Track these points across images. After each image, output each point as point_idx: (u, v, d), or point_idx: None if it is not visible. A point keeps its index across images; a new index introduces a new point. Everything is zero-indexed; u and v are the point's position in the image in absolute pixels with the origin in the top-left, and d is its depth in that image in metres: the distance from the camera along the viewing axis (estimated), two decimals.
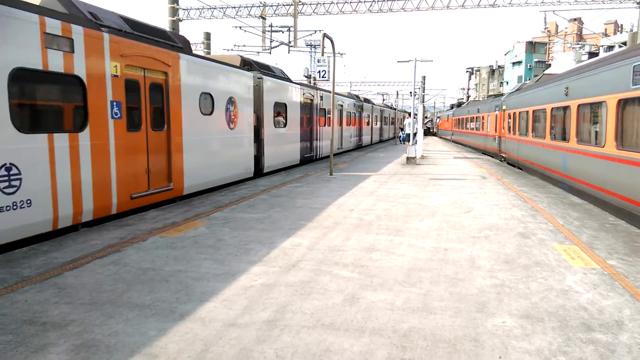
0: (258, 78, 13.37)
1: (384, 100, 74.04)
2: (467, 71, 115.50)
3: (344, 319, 3.81)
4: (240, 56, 13.70)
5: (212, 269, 5.05)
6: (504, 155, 21.05)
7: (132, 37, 8.11)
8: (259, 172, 13.60)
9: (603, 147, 9.27)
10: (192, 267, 5.10)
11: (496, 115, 22.89)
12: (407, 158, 18.42)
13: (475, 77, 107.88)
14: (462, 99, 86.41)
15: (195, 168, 9.91)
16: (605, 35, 49.87)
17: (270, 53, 33.47)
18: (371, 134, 34.69)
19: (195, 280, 4.68)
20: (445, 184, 12.08)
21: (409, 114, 27.60)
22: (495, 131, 22.95)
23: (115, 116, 7.54)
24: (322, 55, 14.66)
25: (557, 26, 79.49)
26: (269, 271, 4.98)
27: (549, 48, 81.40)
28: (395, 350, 3.31)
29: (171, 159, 9.09)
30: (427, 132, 60.27)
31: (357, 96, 32.09)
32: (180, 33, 31.80)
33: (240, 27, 34.41)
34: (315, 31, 37.21)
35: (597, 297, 4.29)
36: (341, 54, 50.62)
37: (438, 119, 69.69)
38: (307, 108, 17.94)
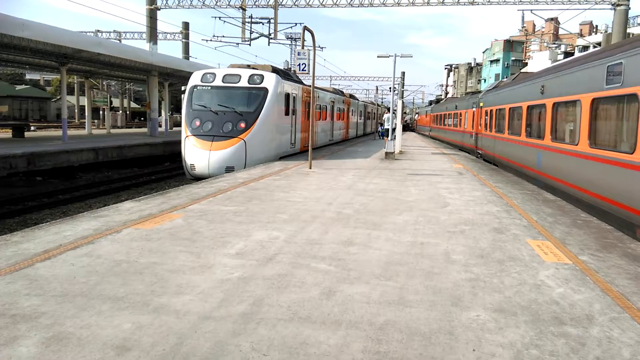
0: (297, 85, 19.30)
1: (367, 96, 74.28)
2: (445, 68, 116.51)
3: (320, 312, 3.81)
4: (271, 66, 17.86)
5: (188, 261, 4.99)
6: (480, 152, 21.33)
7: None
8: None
9: (577, 145, 9.46)
10: (167, 259, 5.04)
11: (473, 112, 23.16)
12: (386, 153, 18.52)
13: (454, 74, 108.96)
14: (441, 95, 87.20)
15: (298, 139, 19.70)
16: (581, 35, 50.85)
17: (249, 45, 33.17)
18: (356, 127, 37.47)
19: (171, 272, 4.62)
20: (423, 179, 12.19)
21: (388, 109, 27.84)
22: (472, 128, 23.23)
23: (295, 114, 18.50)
24: (302, 48, 14.57)
25: (534, 25, 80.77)
26: (245, 264, 4.95)
27: (526, 47, 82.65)
28: (371, 343, 3.32)
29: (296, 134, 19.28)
30: (406, 128, 60.77)
31: (342, 92, 35.18)
32: (158, 22, 31.05)
33: (219, 18, 33.95)
34: (296, 24, 36.95)
35: (568, 292, 4.38)
36: (322, 48, 50.46)
37: (417, 115, 70.22)
38: (308, 105, 20.74)
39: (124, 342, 3.21)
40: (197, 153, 14.29)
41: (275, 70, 17.33)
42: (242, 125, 14.73)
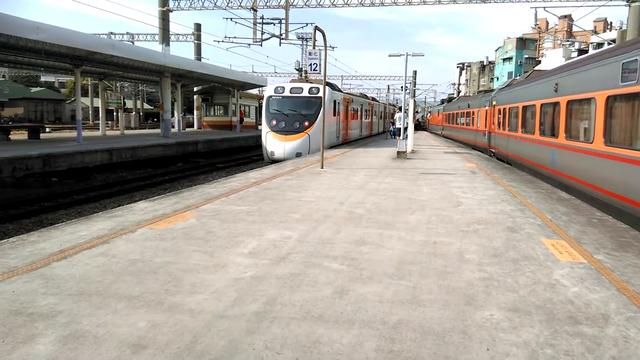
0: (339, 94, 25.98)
1: (379, 95, 74.29)
2: (458, 67, 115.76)
3: (333, 311, 3.82)
4: (327, 82, 21.58)
5: (202, 260, 5.03)
6: (493, 151, 21.17)
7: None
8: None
9: (591, 143, 9.36)
10: (181, 258, 5.08)
11: (486, 110, 22.99)
12: (398, 152, 18.45)
13: (466, 73, 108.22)
14: (453, 94, 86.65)
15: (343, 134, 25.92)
16: (595, 32, 50.21)
17: (261, 45, 33.34)
18: (378, 125, 43.77)
19: (185, 271, 4.67)
20: (435, 179, 12.13)
21: (400, 108, 27.86)
22: (485, 126, 23.07)
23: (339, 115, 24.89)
24: (314, 48, 14.59)
25: (547, 23, 79.80)
26: (258, 263, 4.97)
27: (539, 45, 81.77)
28: (384, 342, 3.32)
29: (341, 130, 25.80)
30: (418, 127, 60.66)
31: (366, 95, 41.47)
32: (170, 24, 31.25)
33: (231, 19, 34.12)
34: (307, 24, 37.01)
35: (584, 291, 4.34)
36: (333, 48, 50.50)
37: (429, 114, 69.87)
38: (346, 109, 27.46)
39: (139, 340, 3.25)
40: (275, 143, 20.44)
41: (328, 84, 23.02)
42: (306, 123, 20.85)
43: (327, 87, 19.25)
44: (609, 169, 8.56)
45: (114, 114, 45.39)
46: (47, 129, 33.71)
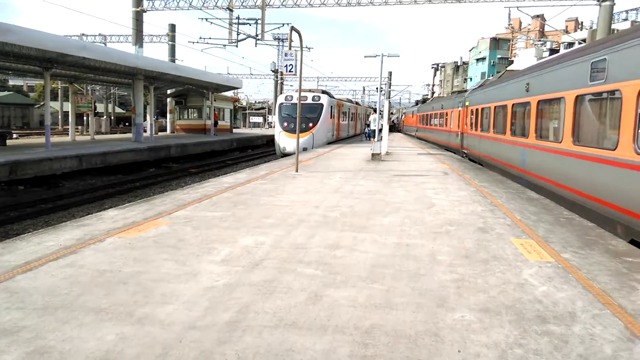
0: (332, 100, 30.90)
1: (354, 96, 74.80)
2: (432, 67, 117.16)
3: (306, 318, 3.80)
4: (322, 90, 32.48)
5: (173, 269, 4.95)
6: (465, 152, 21.48)
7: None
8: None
9: (560, 142, 9.56)
10: (151, 268, 4.99)
11: (459, 111, 23.31)
12: (372, 154, 18.56)
13: (440, 73, 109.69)
14: (427, 95, 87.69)
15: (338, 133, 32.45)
16: (566, 32, 51.50)
17: (237, 46, 33.13)
18: (360, 126, 48.15)
19: (155, 281, 4.58)
20: (409, 180, 12.24)
21: (374, 110, 28.17)
22: (458, 127, 23.39)
23: (334, 117, 30.81)
24: (290, 49, 14.55)
25: (520, 23, 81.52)
26: (231, 271, 4.93)
27: (512, 44, 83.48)
28: (358, 348, 3.32)
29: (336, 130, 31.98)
30: (392, 128, 61.25)
31: (351, 100, 48.73)
32: (144, 25, 30.82)
33: (206, 19, 33.81)
34: (283, 24, 36.98)
35: (551, 290, 4.43)
36: (309, 48, 50.46)
37: (403, 115, 70.52)
38: (338, 112, 33.22)
39: (106, 355, 3.17)
40: (287, 140, 25.71)
41: (324, 92, 30.22)
42: (310, 125, 26.62)
43: (325, 95, 28.46)
44: (577, 169, 8.77)
45: (84, 118, 44.47)
46: (14, 135, 32.78)
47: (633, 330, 3.62)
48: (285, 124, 26.45)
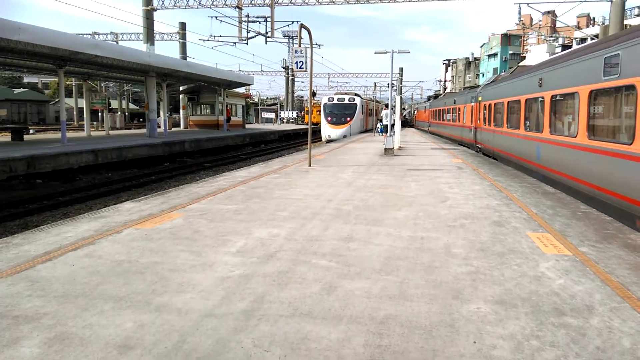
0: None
1: (365, 93, 74.84)
2: (444, 63, 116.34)
3: (321, 308, 3.82)
4: (355, 92, 43.36)
5: (189, 260, 5.00)
6: (479, 146, 21.33)
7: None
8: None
9: (575, 137, 9.47)
10: (168, 258, 5.05)
11: (472, 106, 23.15)
12: (385, 149, 18.52)
13: (452, 69, 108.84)
14: (439, 90, 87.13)
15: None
16: (578, 28, 50.77)
17: (247, 44, 33.27)
18: (375, 121, 52.68)
19: (172, 271, 4.64)
20: (422, 175, 12.19)
21: (386, 106, 28.09)
22: (471, 122, 23.23)
23: (364, 113, 41.93)
24: (300, 46, 14.55)
25: (531, 19, 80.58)
26: (246, 262, 4.96)
27: (523, 40, 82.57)
28: (372, 337, 3.33)
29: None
30: (405, 124, 61.60)
31: (372, 99, 54.88)
32: (155, 23, 30.99)
33: (216, 17, 33.98)
34: (293, 22, 37.01)
35: (569, 283, 4.40)
36: (319, 45, 50.49)
37: (415, 111, 70.18)
38: (365, 109, 43.34)
39: (126, 341, 3.22)
40: (331, 130, 35.93)
41: (357, 94, 40.95)
42: (348, 119, 36.52)
43: (358, 97, 39.19)
44: (593, 163, 8.67)
45: (99, 114, 44.93)
46: (31, 131, 33.25)
47: None
48: (329, 118, 36.92)
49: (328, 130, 36.25)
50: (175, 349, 3.12)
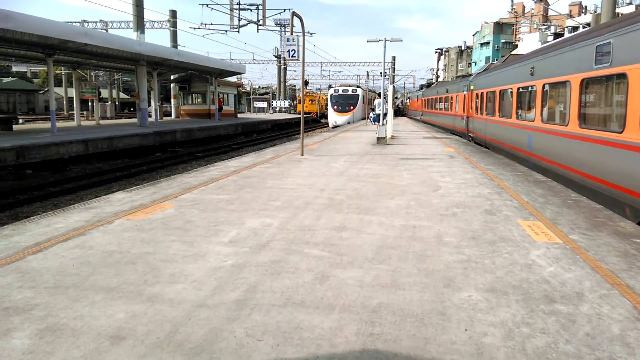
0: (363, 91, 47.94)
1: (358, 81, 74.79)
2: (436, 52, 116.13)
3: (314, 297, 3.83)
4: (357, 84, 55.96)
5: (181, 250, 4.99)
6: (471, 135, 21.38)
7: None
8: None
9: (567, 125, 9.51)
10: (160, 249, 5.03)
11: (464, 95, 23.16)
12: (378, 138, 18.51)
13: (445, 58, 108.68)
14: (432, 79, 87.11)
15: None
16: (570, 16, 50.82)
17: (238, 32, 32.98)
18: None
19: (164, 262, 4.62)
20: (415, 164, 12.22)
21: (379, 94, 28.10)
22: (464, 111, 23.25)
23: (365, 103, 47.12)
24: (292, 34, 14.44)
25: (524, 7, 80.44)
26: (239, 252, 4.96)
27: (516, 29, 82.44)
28: (365, 326, 3.35)
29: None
30: (397, 113, 61.93)
31: (370, 89, 56.92)
32: (145, 11, 30.56)
33: (207, 5, 33.62)
34: (285, 10, 36.71)
35: (559, 271, 4.44)
36: (311, 34, 50.31)
37: (408, 100, 70.18)
38: (366, 99, 47.18)
39: (118, 332, 3.22)
40: (337, 117, 42.69)
41: (358, 86, 47.50)
42: (351, 107, 42.96)
43: (360, 89, 45.40)
44: (584, 151, 8.72)
45: (89, 103, 44.52)
46: (20, 120, 32.88)
47: None
48: (335, 107, 43.55)
49: (334, 117, 42.94)
50: (168, 339, 3.12)
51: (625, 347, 3.07)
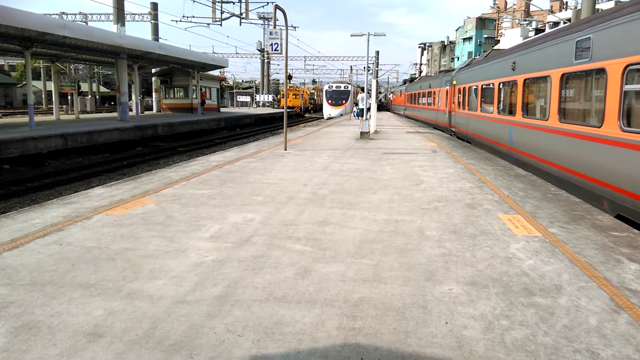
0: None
1: (342, 76, 74.76)
2: (419, 47, 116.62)
3: (295, 292, 3.82)
4: (348, 81, 69.17)
5: (161, 246, 4.93)
6: (454, 130, 21.53)
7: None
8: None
9: (547, 120, 9.62)
10: (139, 244, 4.96)
11: (447, 90, 23.30)
12: (361, 133, 18.54)
13: (428, 53, 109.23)
14: (415, 74, 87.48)
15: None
16: (551, 12, 51.40)
17: (221, 25, 32.64)
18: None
19: (143, 258, 4.56)
20: (398, 158, 12.26)
21: (362, 89, 28.13)
22: (446, 106, 23.40)
23: (355, 97, 50.36)
24: (274, 27, 14.34)
25: (506, 3, 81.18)
26: (220, 247, 4.92)
27: (498, 24, 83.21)
28: (346, 320, 3.35)
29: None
30: (381, 107, 62.36)
31: (358, 85, 63.98)
32: (125, 3, 30.10)
33: None
34: (268, 3, 36.42)
35: (538, 263, 4.49)
36: (294, 27, 50.06)
37: (391, 95, 70.39)
38: (356, 94, 51.67)
39: (95, 329, 3.16)
40: (331, 110, 49.84)
41: (349, 83, 60.06)
42: (344, 102, 50.29)
43: (350, 85, 54.54)
44: (563, 145, 8.84)
45: (69, 97, 43.72)
46: None
47: (618, 301, 3.68)
48: (329, 101, 50.08)
49: (329, 110, 49.67)
50: (147, 336, 3.08)
51: (602, 338, 3.12)
